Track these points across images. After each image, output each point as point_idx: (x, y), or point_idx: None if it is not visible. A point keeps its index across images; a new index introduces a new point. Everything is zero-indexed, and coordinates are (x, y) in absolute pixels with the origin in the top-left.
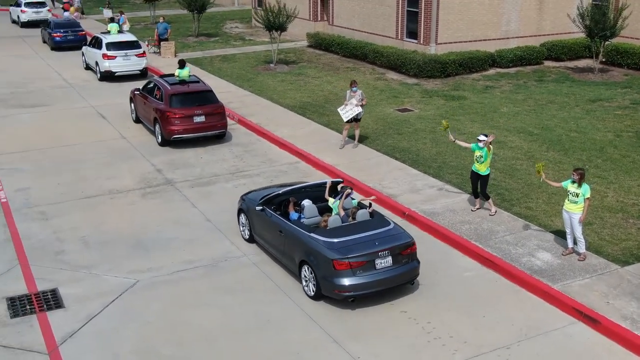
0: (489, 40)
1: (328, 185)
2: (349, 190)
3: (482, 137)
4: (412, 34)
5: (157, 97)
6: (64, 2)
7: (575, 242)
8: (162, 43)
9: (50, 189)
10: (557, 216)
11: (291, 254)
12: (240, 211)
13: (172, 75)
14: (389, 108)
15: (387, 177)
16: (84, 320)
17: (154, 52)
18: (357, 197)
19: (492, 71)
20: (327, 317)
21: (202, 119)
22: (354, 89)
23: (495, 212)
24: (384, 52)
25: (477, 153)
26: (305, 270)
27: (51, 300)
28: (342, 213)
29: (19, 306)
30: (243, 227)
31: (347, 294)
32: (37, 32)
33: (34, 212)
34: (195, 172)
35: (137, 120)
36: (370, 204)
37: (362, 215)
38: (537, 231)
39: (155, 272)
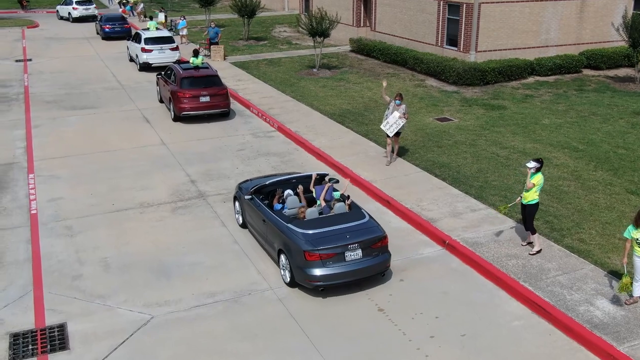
0: (528, 48)
1: (314, 178)
2: (330, 183)
3: (529, 164)
4: (452, 41)
5: (172, 80)
6: (121, 9)
7: None
8: (212, 47)
9: (82, 199)
10: (614, 251)
11: (272, 243)
12: (235, 199)
13: (188, 62)
14: (428, 117)
15: (426, 197)
16: None
17: (205, 55)
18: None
19: (531, 79)
20: None
21: (207, 99)
22: (398, 102)
23: (537, 252)
24: (424, 59)
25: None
26: (282, 259)
27: (57, 339)
28: (324, 204)
29: (21, 345)
30: (237, 213)
31: (317, 283)
32: (96, 34)
33: (61, 227)
34: (229, 184)
35: (161, 101)
36: (348, 196)
37: (340, 207)
38: (593, 271)
39: (173, 307)
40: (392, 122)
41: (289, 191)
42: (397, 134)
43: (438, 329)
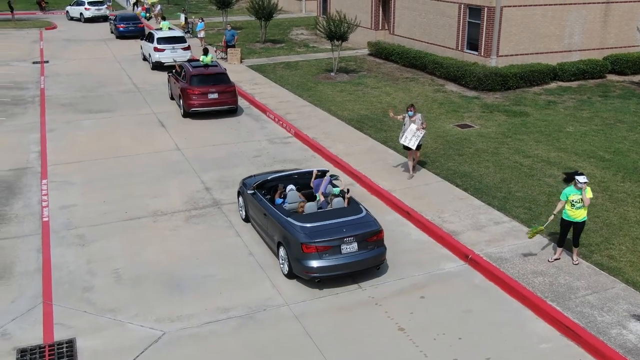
0: (550, 53)
1: (314, 174)
2: (329, 177)
3: (581, 179)
4: (473, 45)
5: (183, 77)
6: (136, 10)
7: None
8: (228, 49)
9: (95, 207)
10: None
11: (272, 235)
12: (239, 194)
13: (198, 60)
14: (448, 123)
15: (448, 208)
16: None
17: (221, 58)
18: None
19: (553, 85)
20: None
21: (215, 95)
22: (410, 113)
23: (578, 263)
24: (444, 63)
25: (574, 197)
26: (281, 251)
27: (65, 356)
28: (322, 199)
29: None
30: (241, 208)
31: (314, 275)
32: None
33: (72, 236)
34: None
35: (172, 98)
36: (348, 190)
37: (338, 202)
38: (624, 291)
39: (185, 322)
40: (410, 135)
41: (291, 186)
42: (418, 146)
43: (461, 351)
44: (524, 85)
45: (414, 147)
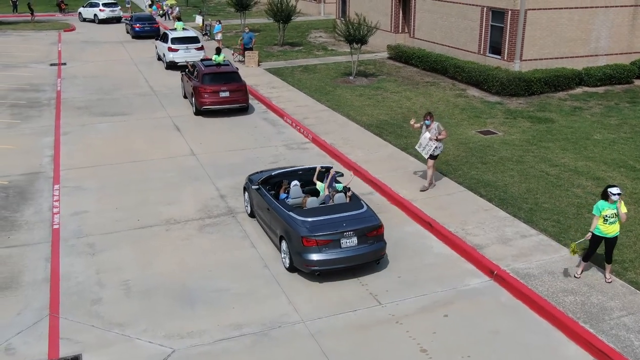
0: (576, 57)
1: (317, 170)
2: (334, 172)
3: (614, 191)
4: (496, 49)
5: (195, 76)
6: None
7: None
8: (246, 52)
9: (108, 214)
10: None
11: (275, 229)
12: (244, 189)
13: (211, 59)
14: (470, 130)
15: (471, 219)
16: None
17: (239, 61)
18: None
19: (579, 90)
20: None
21: (226, 94)
22: (427, 122)
23: (612, 281)
24: (466, 68)
25: (608, 212)
26: (283, 245)
27: None
28: (327, 193)
29: None
30: (246, 203)
31: (313, 268)
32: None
33: (82, 244)
34: None
35: (185, 96)
36: (349, 188)
37: (340, 198)
38: None
39: (196, 339)
40: (424, 144)
41: (295, 182)
42: (434, 157)
43: None
44: (548, 90)
45: (426, 156)
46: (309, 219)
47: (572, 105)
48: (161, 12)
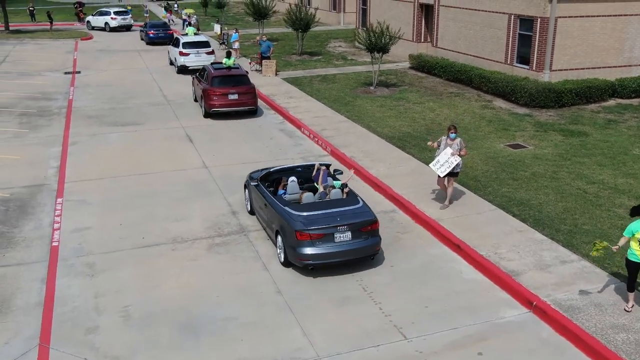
0: (608, 67)
1: (316, 167)
2: (324, 167)
3: None
4: (524, 59)
5: (205, 79)
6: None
7: None
8: (263, 61)
9: (111, 230)
10: None
11: (271, 225)
12: (245, 186)
13: (221, 63)
14: (498, 143)
15: (505, 242)
16: None
17: (256, 70)
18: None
19: (612, 102)
20: None
21: (235, 96)
22: (452, 135)
23: (632, 306)
24: (492, 78)
25: None
26: (279, 240)
27: None
28: (322, 189)
29: None
30: (246, 200)
31: (307, 262)
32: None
33: (82, 264)
34: None
35: (196, 100)
36: (346, 185)
37: (336, 194)
38: None
39: None
40: (443, 160)
41: (292, 178)
42: (454, 174)
43: None
44: (579, 102)
45: (442, 175)
46: (304, 213)
47: (606, 118)
48: (173, 15)
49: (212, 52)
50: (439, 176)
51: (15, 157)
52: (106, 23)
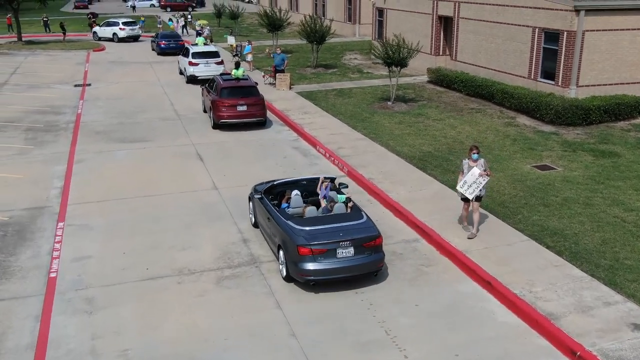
0: (638, 83)
1: (320, 181)
2: (327, 182)
3: None
4: (549, 74)
5: (214, 89)
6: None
7: None
8: (277, 74)
9: (113, 260)
10: None
11: (274, 238)
12: (249, 199)
13: (230, 74)
14: (525, 164)
15: (539, 278)
16: None
17: (269, 84)
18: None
19: None
20: None
21: (244, 108)
22: (475, 156)
23: None
24: (515, 94)
25: None
26: (281, 254)
27: None
28: (323, 204)
29: None
30: (251, 213)
31: (308, 277)
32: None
33: (80, 299)
34: None
35: (205, 110)
36: (350, 199)
37: (340, 208)
38: None
39: None
40: (471, 181)
41: (295, 191)
42: (478, 197)
43: None
44: (608, 119)
45: (470, 197)
46: (306, 228)
47: (637, 137)
48: (179, 24)
49: (222, 62)
50: (466, 201)
51: (18, 176)
52: (114, 34)
